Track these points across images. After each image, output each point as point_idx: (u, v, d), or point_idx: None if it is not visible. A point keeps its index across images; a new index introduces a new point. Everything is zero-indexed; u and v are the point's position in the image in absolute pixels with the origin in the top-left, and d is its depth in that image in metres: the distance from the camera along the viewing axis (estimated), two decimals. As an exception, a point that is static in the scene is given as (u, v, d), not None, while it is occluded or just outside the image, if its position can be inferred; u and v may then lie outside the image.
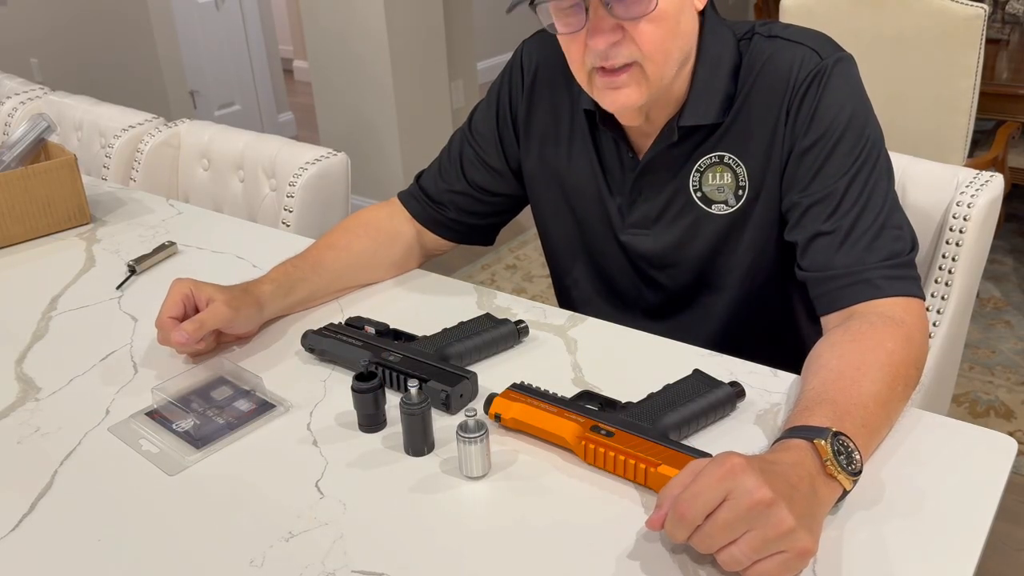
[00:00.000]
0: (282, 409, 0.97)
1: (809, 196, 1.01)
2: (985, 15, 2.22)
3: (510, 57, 1.21)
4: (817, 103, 1.00)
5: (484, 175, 1.22)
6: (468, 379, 0.95)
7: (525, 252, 3.35)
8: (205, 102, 4.43)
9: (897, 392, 0.87)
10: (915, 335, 0.92)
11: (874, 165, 1.00)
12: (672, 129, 1.05)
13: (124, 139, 1.93)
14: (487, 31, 5.22)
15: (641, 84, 0.99)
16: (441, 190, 1.24)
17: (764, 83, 1.03)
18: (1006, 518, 1.88)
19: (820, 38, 1.04)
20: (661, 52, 0.97)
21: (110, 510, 0.84)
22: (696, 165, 1.07)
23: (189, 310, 1.05)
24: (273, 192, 1.72)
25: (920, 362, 0.92)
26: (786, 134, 1.02)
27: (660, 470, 0.79)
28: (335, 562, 0.75)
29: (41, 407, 1.00)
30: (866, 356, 0.87)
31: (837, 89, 1.00)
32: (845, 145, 0.99)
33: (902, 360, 0.88)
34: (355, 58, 3.36)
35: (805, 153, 1.01)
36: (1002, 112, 2.67)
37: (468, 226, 1.26)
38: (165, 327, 1.03)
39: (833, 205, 0.99)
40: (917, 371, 0.91)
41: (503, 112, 1.20)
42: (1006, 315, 2.75)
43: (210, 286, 1.07)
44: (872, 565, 0.72)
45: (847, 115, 1.00)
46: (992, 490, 0.79)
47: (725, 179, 1.06)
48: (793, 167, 1.02)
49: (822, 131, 1.00)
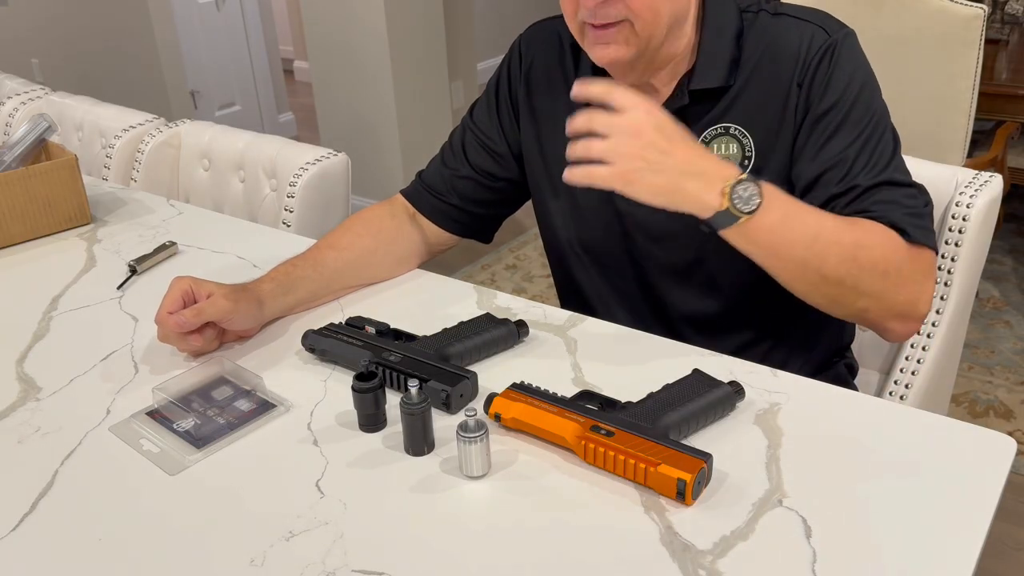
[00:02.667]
0: (282, 409, 0.97)
1: (820, 164, 1.02)
2: (984, 15, 2.22)
3: (509, 47, 1.23)
4: (831, 74, 1.03)
5: (487, 159, 1.23)
6: (468, 379, 0.95)
7: (525, 252, 3.35)
8: (205, 102, 4.44)
9: (846, 252, 0.94)
10: (911, 275, 0.98)
11: (882, 134, 1.02)
12: (683, 92, 1.07)
13: (125, 139, 1.93)
14: (487, 31, 5.23)
15: (630, 41, 1.01)
16: (444, 178, 1.25)
17: (772, 58, 1.05)
18: (1006, 518, 1.88)
19: (825, 16, 1.07)
20: (650, 11, 0.99)
21: (110, 510, 0.84)
22: (702, 136, 1.08)
23: (189, 306, 1.05)
24: (273, 192, 1.72)
25: (898, 294, 0.98)
26: (799, 104, 1.04)
27: (660, 470, 0.79)
28: (335, 562, 0.76)
29: (42, 407, 1.01)
30: (850, 223, 0.97)
31: (848, 61, 1.03)
32: (856, 114, 1.02)
33: (879, 256, 0.95)
34: (355, 58, 3.37)
35: (818, 121, 1.03)
36: (1001, 112, 2.67)
37: (470, 215, 1.26)
38: (165, 323, 1.04)
39: (845, 170, 1.01)
40: (885, 279, 0.96)
41: (503, 96, 1.22)
42: (1005, 315, 2.75)
43: (210, 283, 1.07)
44: (872, 565, 0.72)
45: (858, 85, 1.03)
46: (992, 490, 0.79)
47: (731, 150, 1.07)
48: (805, 135, 1.04)
49: (835, 99, 1.02)
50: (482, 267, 3.27)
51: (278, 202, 1.69)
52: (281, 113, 4.84)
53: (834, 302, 0.99)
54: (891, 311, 0.99)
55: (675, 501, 0.80)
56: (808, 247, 0.94)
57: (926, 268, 0.99)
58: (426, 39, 3.42)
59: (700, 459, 0.80)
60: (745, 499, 0.79)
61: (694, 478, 0.78)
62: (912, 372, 1.23)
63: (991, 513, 0.77)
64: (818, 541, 0.74)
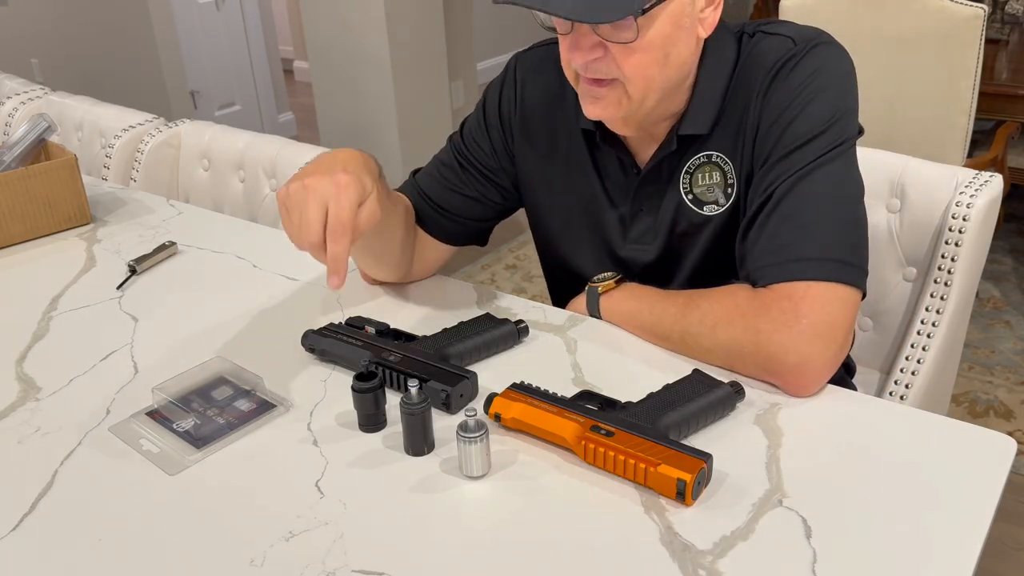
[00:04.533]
0: (282, 409, 0.97)
1: (754, 192, 1.00)
2: (985, 15, 2.23)
3: (503, 68, 1.20)
4: (783, 84, 0.98)
5: (477, 178, 1.20)
6: (468, 379, 0.95)
7: (525, 252, 3.35)
8: (205, 102, 4.44)
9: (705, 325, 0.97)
10: (766, 329, 0.93)
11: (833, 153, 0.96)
12: (673, 139, 1.05)
13: (124, 139, 1.93)
14: (487, 31, 5.23)
15: (622, 101, 0.98)
16: (436, 193, 1.21)
17: (744, 79, 1.03)
18: (1006, 518, 1.88)
19: (803, 29, 1.03)
20: (642, 78, 0.96)
21: (110, 510, 0.84)
22: (686, 167, 1.07)
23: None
24: (273, 192, 1.72)
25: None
26: (753, 119, 1.01)
27: (660, 470, 0.79)
28: (335, 562, 0.76)
29: (41, 407, 1.01)
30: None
31: (803, 71, 0.98)
32: (795, 128, 0.97)
33: (725, 335, 0.95)
34: (355, 58, 3.37)
35: (767, 133, 0.99)
36: (1001, 112, 2.67)
37: (463, 227, 1.23)
38: (319, 251, 0.92)
39: (764, 196, 0.97)
40: (729, 354, 0.96)
41: (493, 119, 1.18)
42: (1005, 315, 2.75)
43: (347, 187, 0.92)
44: (872, 565, 0.72)
45: (807, 96, 0.97)
46: (992, 490, 0.79)
47: (714, 178, 1.05)
48: (758, 147, 1.01)
49: (783, 108, 0.98)
50: (482, 267, 3.27)
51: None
52: (281, 113, 4.84)
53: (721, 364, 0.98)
54: (763, 372, 0.94)
55: (675, 501, 0.80)
56: (649, 332, 1.04)
57: (788, 312, 0.91)
58: (426, 39, 3.42)
59: (700, 459, 0.80)
60: (745, 499, 0.79)
61: (694, 478, 0.78)
62: (912, 372, 1.23)
63: (991, 513, 0.77)
64: (818, 541, 0.74)
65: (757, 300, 0.94)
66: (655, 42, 0.94)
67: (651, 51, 0.95)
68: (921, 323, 1.24)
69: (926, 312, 1.24)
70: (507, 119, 1.18)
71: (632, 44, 0.93)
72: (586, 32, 0.94)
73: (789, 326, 0.91)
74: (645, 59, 0.95)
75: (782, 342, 0.91)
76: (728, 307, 0.96)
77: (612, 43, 0.94)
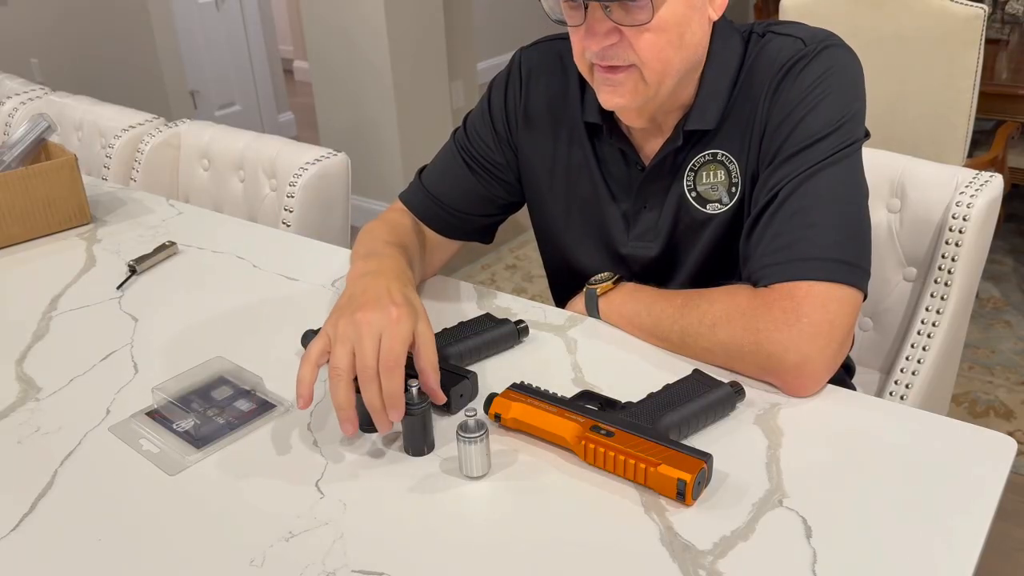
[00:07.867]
0: (282, 409, 0.97)
1: (760, 191, 1.00)
2: (985, 15, 2.23)
3: (507, 63, 1.20)
4: (792, 84, 0.99)
5: (482, 175, 1.20)
6: (468, 379, 0.95)
7: (525, 252, 3.35)
8: (205, 102, 4.43)
9: (704, 324, 0.97)
10: (766, 328, 0.93)
11: (838, 156, 0.96)
12: (679, 134, 1.05)
13: (124, 139, 1.93)
14: (487, 31, 5.23)
15: (639, 87, 0.98)
16: (440, 190, 1.22)
17: (752, 78, 1.03)
18: (1006, 518, 1.88)
19: (814, 31, 1.03)
20: (659, 60, 0.96)
21: (110, 510, 0.84)
22: (691, 164, 1.07)
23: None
24: (273, 192, 1.72)
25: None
26: (761, 118, 1.01)
27: (660, 470, 0.79)
28: (335, 562, 0.75)
29: (41, 407, 1.01)
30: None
31: (812, 72, 0.98)
32: (811, 126, 0.97)
33: (725, 334, 0.95)
34: (355, 58, 3.36)
35: (775, 132, 0.99)
36: (1002, 112, 2.67)
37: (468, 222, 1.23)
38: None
39: (771, 195, 0.97)
40: (728, 353, 0.96)
41: (498, 115, 1.19)
42: (1006, 315, 2.75)
43: (399, 321, 0.90)
44: (872, 565, 0.72)
45: (815, 99, 0.97)
46: (992, 490, 0.79)
47: (718, 177, 1.05)
48: (765, 146, 1.01)
49: (791, 108, 0.98)
50: (482, 267, 3.27)
51: (278, 202, 1.69)
52: (281, 113, 4.84)
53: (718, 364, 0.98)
54: (762, 371, 0.94)
55: (675, 501, 0.80)
56: (650, 332, 1.04)
57: (789, 311, 0.91)
58: (426, 39, 3.42)
59: (700, 459, 0.80)
60: (745, 499, 0.79)
61: (694, 478, 0.78)
62: (912, 372, 1.23)
63: (991, 513, 0.77)
64: (818, 541, 0.74)
65: (758, 299, 0.94)
66: (670, 22, 0.95)
67: (666, 31, 0.95)
68: (921, 323, 1.24)
69: (926, 312, 1.24)
70: (511, 113, 1.18)
71: (647, 25, 0.94)
72: (600, 18, 0.95)
73: (789, 325, 0.91)
74: (661, 40, 0.95)
75: (782, 341, 0.91)
76: (728, 306, 0.96)
77: (627, 27, 0.94)
